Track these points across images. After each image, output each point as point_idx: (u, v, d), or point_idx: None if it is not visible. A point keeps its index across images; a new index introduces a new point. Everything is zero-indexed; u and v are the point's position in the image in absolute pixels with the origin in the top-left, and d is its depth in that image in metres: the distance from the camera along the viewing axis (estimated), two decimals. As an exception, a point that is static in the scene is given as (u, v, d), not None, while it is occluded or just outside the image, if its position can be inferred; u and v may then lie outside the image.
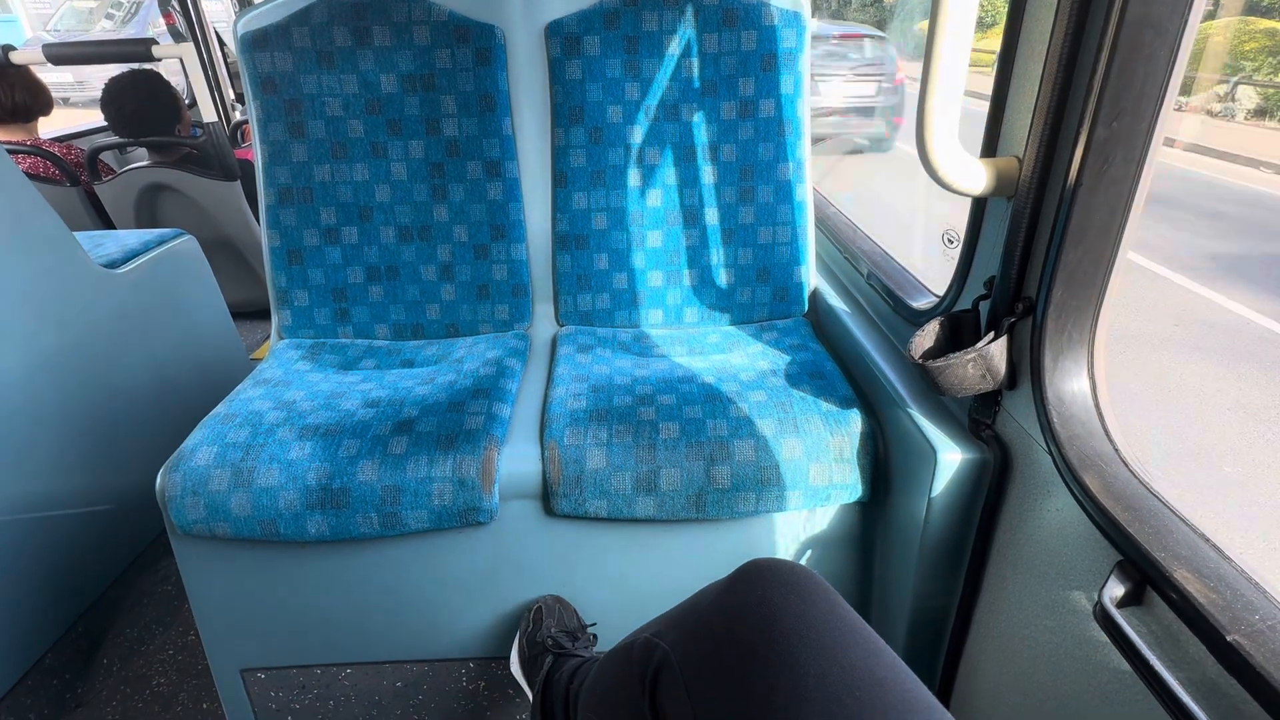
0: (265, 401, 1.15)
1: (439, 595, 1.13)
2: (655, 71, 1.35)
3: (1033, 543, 0.82)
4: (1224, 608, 0.56)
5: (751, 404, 1.10)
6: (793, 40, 1.32)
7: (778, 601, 0.58)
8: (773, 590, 0.59)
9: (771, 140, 1.36)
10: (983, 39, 1.81)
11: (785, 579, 0.61)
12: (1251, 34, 7.46)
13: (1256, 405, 2.67)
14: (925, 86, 0.73)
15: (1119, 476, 0.71)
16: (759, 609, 0.58)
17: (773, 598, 0.59)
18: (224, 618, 1.13)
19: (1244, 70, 7.38)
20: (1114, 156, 0.68)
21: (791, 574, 0.61)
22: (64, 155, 2.46)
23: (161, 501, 1.02)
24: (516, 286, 1.43)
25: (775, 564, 0.63)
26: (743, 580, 0.62)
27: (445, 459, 1.02)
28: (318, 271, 1.40)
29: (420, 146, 1.37)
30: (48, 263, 1.42)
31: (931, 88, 0.73)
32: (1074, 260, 0.73)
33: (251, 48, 1.31)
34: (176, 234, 1.87)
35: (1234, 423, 2.57)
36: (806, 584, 0.60)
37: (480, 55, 1.34)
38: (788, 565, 0.63)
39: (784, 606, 0.58)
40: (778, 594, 0.59)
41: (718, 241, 1.42)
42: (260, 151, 1.37)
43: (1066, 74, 0.70)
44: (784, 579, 0.61)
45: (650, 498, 1.04)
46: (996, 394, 0.88)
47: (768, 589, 0.60)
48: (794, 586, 0.60)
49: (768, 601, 0.58)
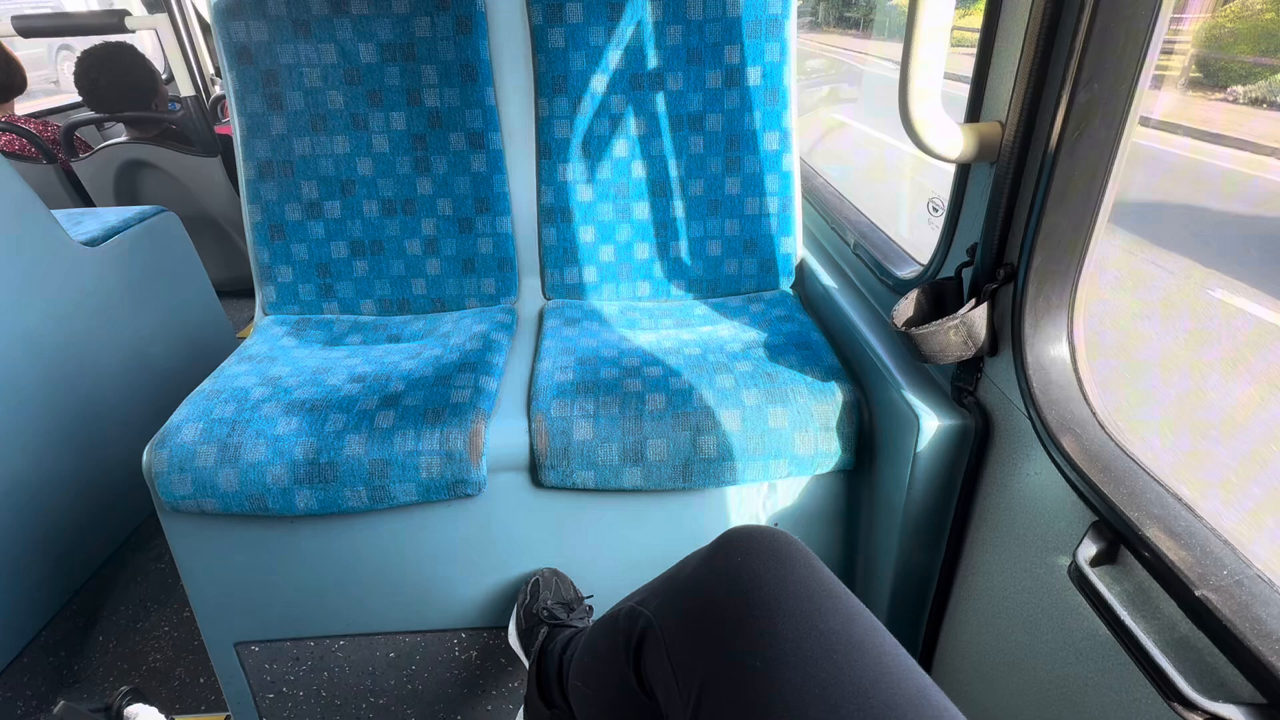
0: (251, 378, 1.15)
1: (429, 567, 1.14)
2: (639, 39, 1.32)
3: (1012, 506, 0.84)
4: (1193, 565, 0.57)
5: (738, 375, 1.10)
6: (778, 6, 1.30)
7: (757, 567, 0.59)
8: (752, 556, 0.60)
9: (758, 109, 1.35)
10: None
11: (765, 545, 0.61)
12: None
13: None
14: (908, 53, 0.73)
15: (1095, 439, 0.72)
16: (738, 575, 0.59)
17: (752, 564, 0.59)
18: (216, 592, 1.14)
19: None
20: (1094, 119, 0.68)
21: (771, 540, 0.62)
22: (39, 132, 2.41)
23: (149, 478, 1.02)
24: (502, 260, 1.42)
25: (755, 530, 0.64)
26: (723, 547, 0.63)
27: (432, 432, 1.03)
28: (301, 246, 1.39)
29: (401, 118, 1.35)
30: (25, 242, 1.40)
31: (914, 54, 0.72)
32: (1054, 225, 0.73)
33: (225, 16, 1.28)
34: (157, 211, 1.84)
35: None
36: (786, 549, 0.61)
37: (461, 23, 1.31)
38: (768, 531, 0.64)
39: (763, 572, 0.58)
40: (757, 560, 0.60)
41: (704, 213, 1.41)
42: (238, 125, 1.34)
43: (1048, 38, 0.69)
44: (764, 545, 0.61)
45: (637, 468, 1.04)
46: (978, 361, 0.89)
47: (747, 555, 0.60)
48: (774, 552, 0.60)
49: (747, 568, 0.59)
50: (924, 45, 0.71)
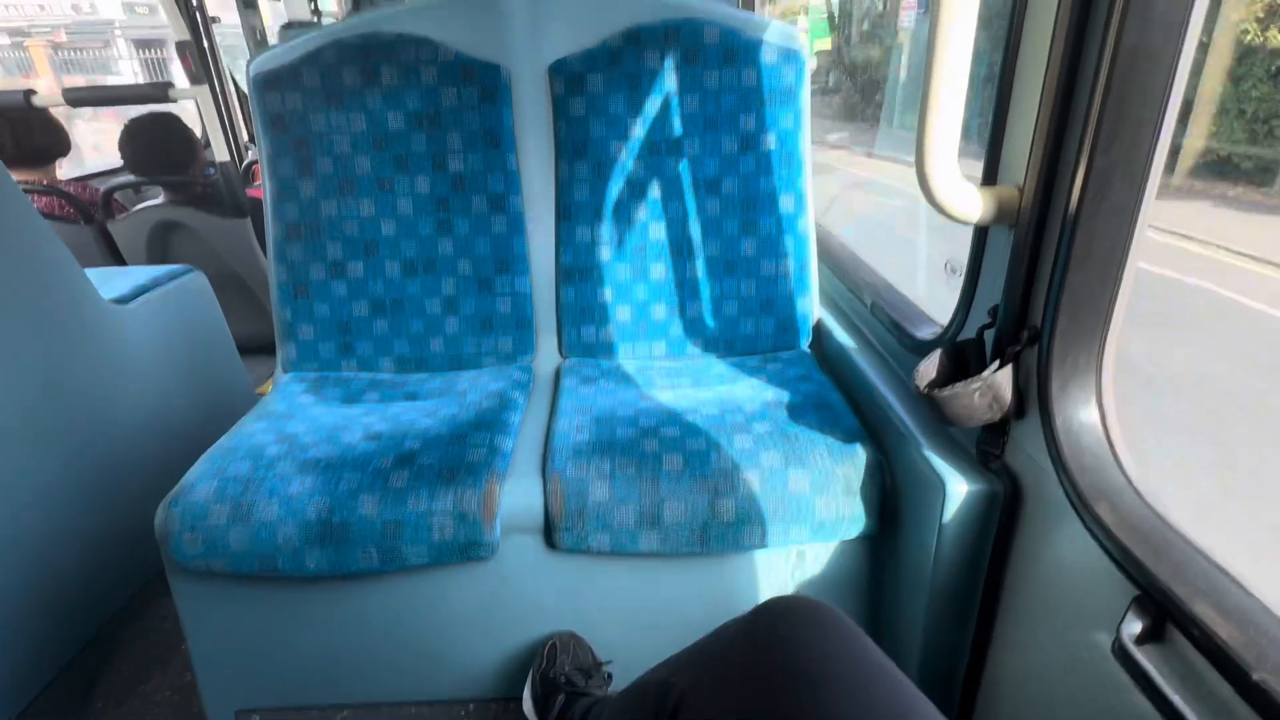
0: (267, 435, 1.15)
1: (439, 633, 1.10)
2: (657, 108, 1.37)
3: (1046, 576, 0.80)
4: (1248, 644, 0.54)
5: (756, 436, 1.08)
6: (792, 77, 1.34)
7: (801, 638, 0.58)
8: (796, 628, 0.59)
9: (773, 173, 1.38)
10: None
11: (808, 616, 0.60)
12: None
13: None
14: (924, 119, 0.74)
15: (1133, 507, 0.69)
16: (782, 647, 0.57)
17: (796, 635, 0.58)
18: (220, 656, 1.11)
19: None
20: (1114, 184, 0.68)
21: (814, 611, 0.61)
22: (79, 194, 2.51)
23: (160, 536, 1.01)
24: (520, 319, 1.44)
25: (795, 601, 0.62)
26: (763, 618, 0.62)
27: (446, 492, 1.01)
28: (323, 305, 1.41)
29: (426, 182, 1.39)
30: (58, 299, 1.44)
31: (930, 119, 0.73)
32: (1078, 288, 0.73)
33: (263, 88, 1.34)
34: (186, 270, 1.89)
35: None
36: (829, 620, 0.60)
37: (486, 93, 1.36)
38: (809, 602, 0.62)
39: (808, 644, 0.57)
40: (801, 631, 0.58)
41: (720, 273, 1.42)
42: (269, 188, 1.39)
43: (1064, 104, 0.70)
44: (806, 616, 0.60)
45: (654, 531, 1.02)
46: (1004, 424, 0.87)
47: (791, 626, 0.59)
48: (817, 623, 0.59)
49: (791, 639, 0.58)
50: (940, 111, 0.73)
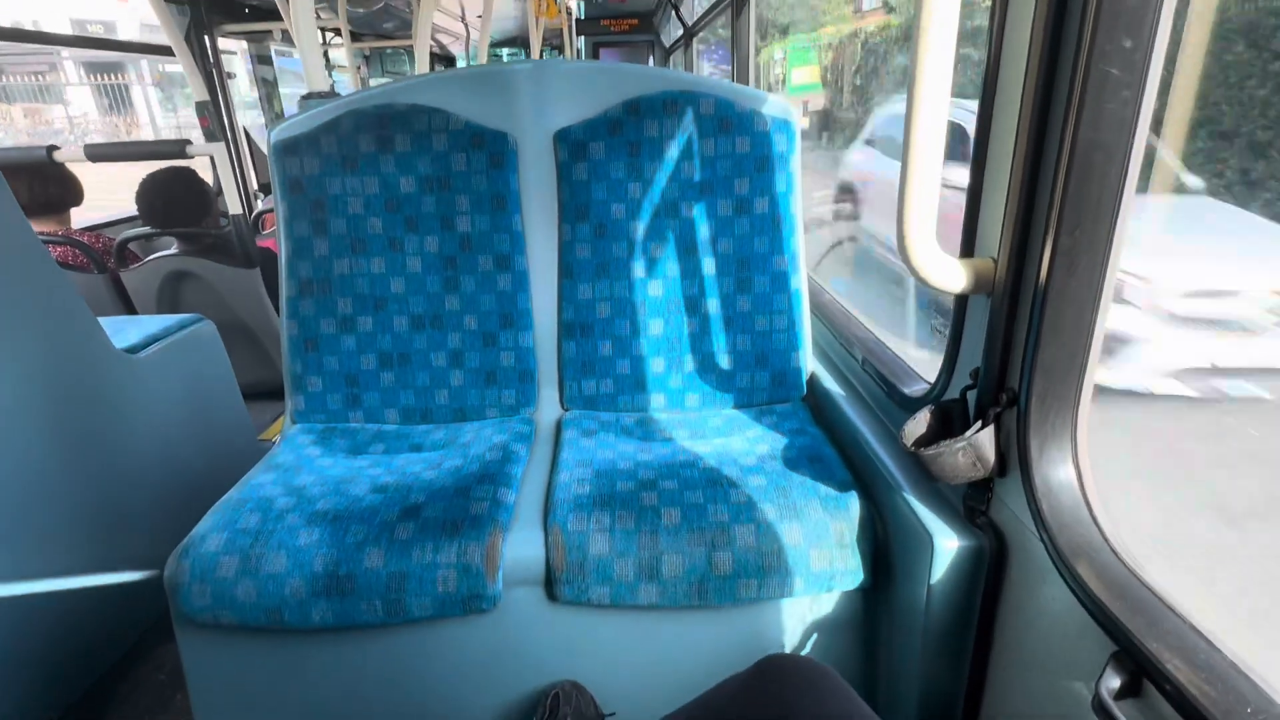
0: (276, 487, 1.18)
1: (441, 685, 1.11)
2: (656, 173, 1.44)
3: (1032, 630, 0.83)
4: (1217, 701, 0.57)
5: (752, 488, 1.12)
6: (784, 144, 1.42)
7: (790, 699, 0.61)
8: (788, 689, 0.62)
9: (766, 234, 1.44)
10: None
11: (802, 677, 0.63)
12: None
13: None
14: (903, 195, 0.80)
15: (1109, 565, 0.73)
16: (776, 708, 0.60)
17: (786, 695, 0.61)
18: (222, 707, 1.11)
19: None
20: (1079, 261, 0.73)
21: (809, 672, 0.64)
22: (93, 244, 2.58)
23: (169, 588, 1.03)
24: (523, 372, 1.48)
25: (792, 661, 0.66)
26: (759, 678, 0.65)
27: (450, 545, 1.04)
28: (332, 359, 1.45)
29: (435, 241, 1.45)
30: (70, 348, 1.48)
31: (909, 196, 0.79)
32: (1051, 355, 0.77)
33: (283, 154, 1.42)
34: (195, 319, 1.94)
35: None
36: (823, 683, 0.63)
37: (493, 159, 1.44)
38: (805, 663, 0.65)
39: (800, 705, 0.60)
40: (791, 692, 0.62)
41: (717, 329, 1.47)
42: (284, 247, 1.45)
43: (1030, 189, 0.77)
44: (800, 677, 0.63)
45: (653, 585, 1.04)
46: (989, 481, 0.91)
47: (784, 687, 0.62)
48: (811, 686, 0.62)
49: (784, 701, 0.61)
50: (918, 188, 0.78)
